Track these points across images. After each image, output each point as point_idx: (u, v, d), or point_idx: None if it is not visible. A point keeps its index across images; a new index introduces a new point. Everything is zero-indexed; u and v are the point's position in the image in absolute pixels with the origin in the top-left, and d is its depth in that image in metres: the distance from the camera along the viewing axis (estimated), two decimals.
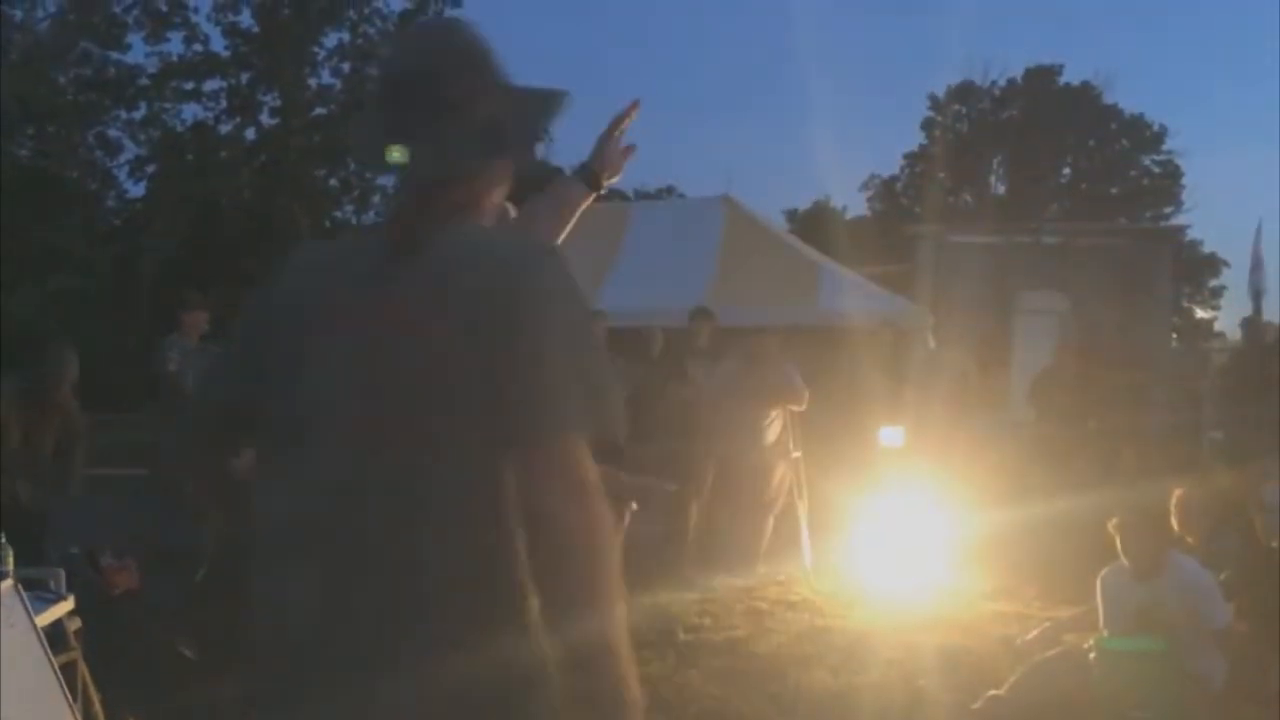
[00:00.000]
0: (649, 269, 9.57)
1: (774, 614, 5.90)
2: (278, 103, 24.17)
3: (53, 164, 22.56)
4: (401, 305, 1.34)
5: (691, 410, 6.77)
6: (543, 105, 1.51)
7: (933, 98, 33.46)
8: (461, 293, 1.33)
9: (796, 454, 6.92)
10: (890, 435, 7.32)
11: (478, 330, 1.31)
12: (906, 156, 34.15)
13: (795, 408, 6.86)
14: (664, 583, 5.99)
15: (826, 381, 7.25)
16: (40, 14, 22.01)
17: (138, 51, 23.97)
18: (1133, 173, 33.62)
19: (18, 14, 21.81)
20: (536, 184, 1.81)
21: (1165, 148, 32.99)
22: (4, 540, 3.03)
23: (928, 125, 33.60)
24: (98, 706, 3.49)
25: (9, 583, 2.80)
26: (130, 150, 24.57)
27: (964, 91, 33.42)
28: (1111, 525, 4.25)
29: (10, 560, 2.98)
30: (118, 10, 23.39)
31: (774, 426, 6.90)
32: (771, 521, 6.90)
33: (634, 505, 5.57)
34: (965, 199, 32.06)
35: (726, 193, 11.10)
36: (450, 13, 24.60)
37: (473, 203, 1.45)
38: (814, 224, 23.75)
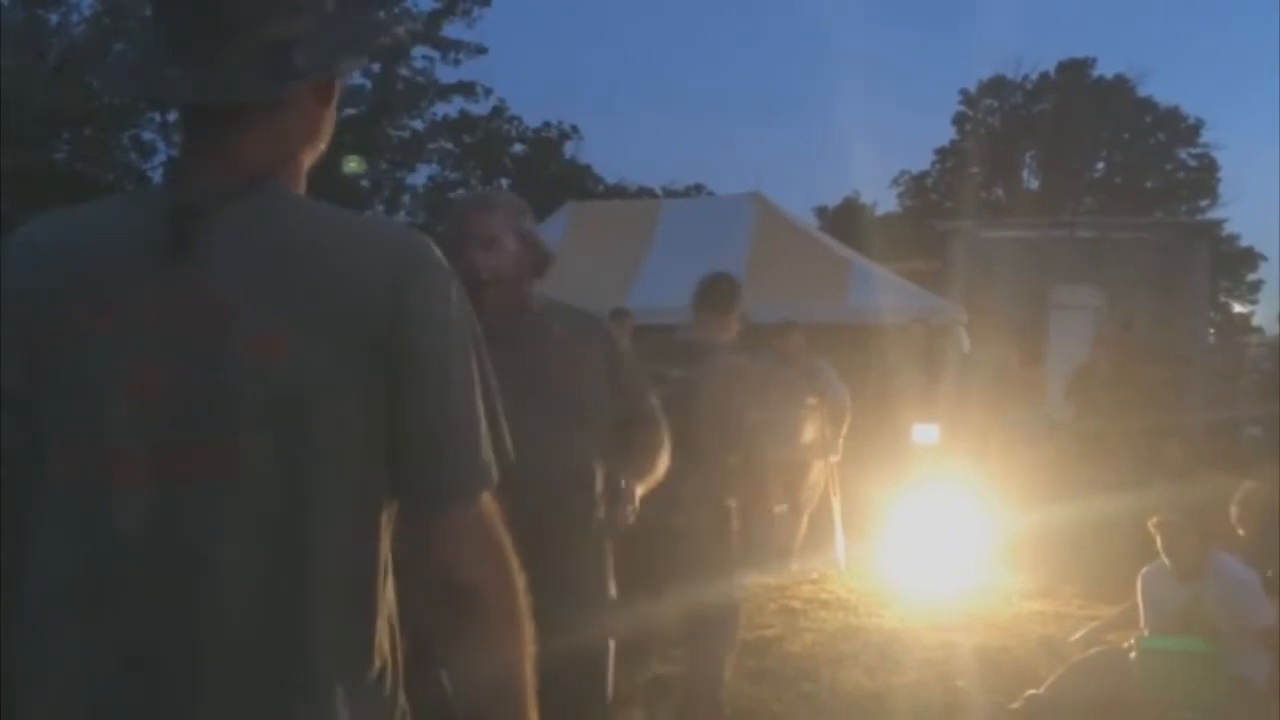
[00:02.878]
0: (678, 267, 9.52)
1: (807, 613, 5.86)
2: None
3: (89, 167, 22.85)
4: (217, 304, 1.05)
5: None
6: (361, 29, 1.19)
7: (964, 92, 33.25)
8: (323, 290, 1.06)
9: (835, 458, 6.87)
10: (924, 433, 7.27)
11: (351, 344, 1.06)
12: (938, 152, 33.90)
13: (838, 414, 6.80)
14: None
15: (858, 379, 7.21)
16: (75, 18, 22.29)
17: None
18: (1168, 166, 33.20)
19: (53, 19, 22.13)
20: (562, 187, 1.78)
21: (1202, 140, 32.57)
22: None
23: (959, 120, 33.37)
24: None
25: None
26: (163, 152, 24.85)
27: (996, 86, 33.13)
28: (1151, 524, 4.19)
29: None
30: (150, 14, 23.63)
31: (809, 425, 6.85)
32: (806, 520, 6.86)
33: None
34: (998, 194, 31.77)
35: (756, 190, 11.06)
36: (480, 12, 24.74)
37: (278, 160, 1.14)
38: (845, 221, 23.68)
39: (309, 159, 1.20)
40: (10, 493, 1.09)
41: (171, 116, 25.32)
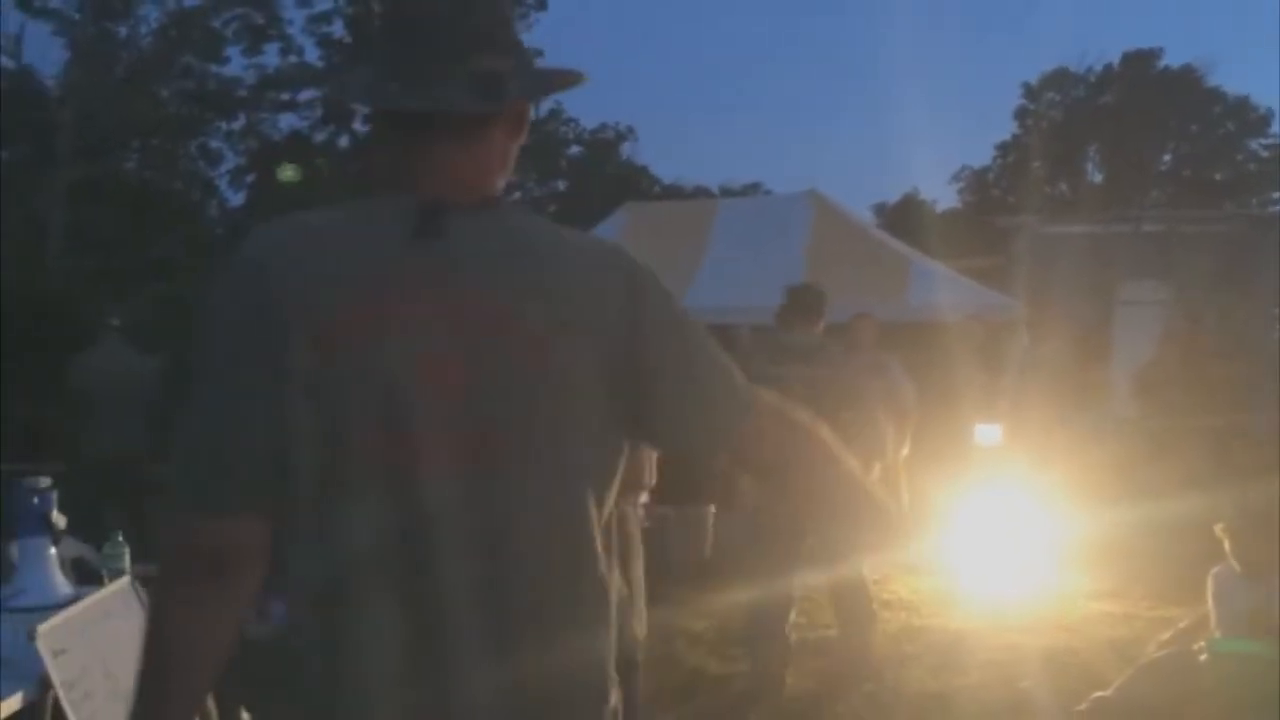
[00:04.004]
0: (736, 266, 9.54)
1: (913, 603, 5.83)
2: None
3: (157, 175, 23.41)
4: (493, 303, 1.21)
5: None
6: (552, 76, 1.40)
7: (1026, 86, 32.71)
8: (575, 294, 1.24)
9: (904, 452, 6.82)
10: (987, 433, 7.18)
11: (602, 342, 1.25)
12: (999, 146, 33.40)
13: (904, 412, 6.74)
14: (755, 582, 5.96)
15: (919, 378, 7.13)
16: (144, 30, 22.84)
17: (236, 64, 24.75)
18: (1239, 157, 32.33)
19: (122, 31, 22.70)
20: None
21: (1272, 131, 31.65)
22: (121, 539, 3.16)
23: (1021, 114, 32.84)
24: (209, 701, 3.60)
25: (126, 580, 2.93)
26: (230, 160, 25.42)
27: (1059, 78, 32.54)
28: (1219, 529, 4.11)
29: (127, 559, 3.12)
30: (217, 24, 24.18)
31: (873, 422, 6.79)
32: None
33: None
34: (1061, 188, 31.22)
35: (813, 188, 11.00)
36: (536, 16, 24.91)
37: (483, 180, 1.29)
38: (903, 217, 23.41)
39: (500, 185, 1.34)
40: (309, 476, 1.18)
41: (237, 124, 25.93)
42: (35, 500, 2.80)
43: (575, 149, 28.37)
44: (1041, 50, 43.40)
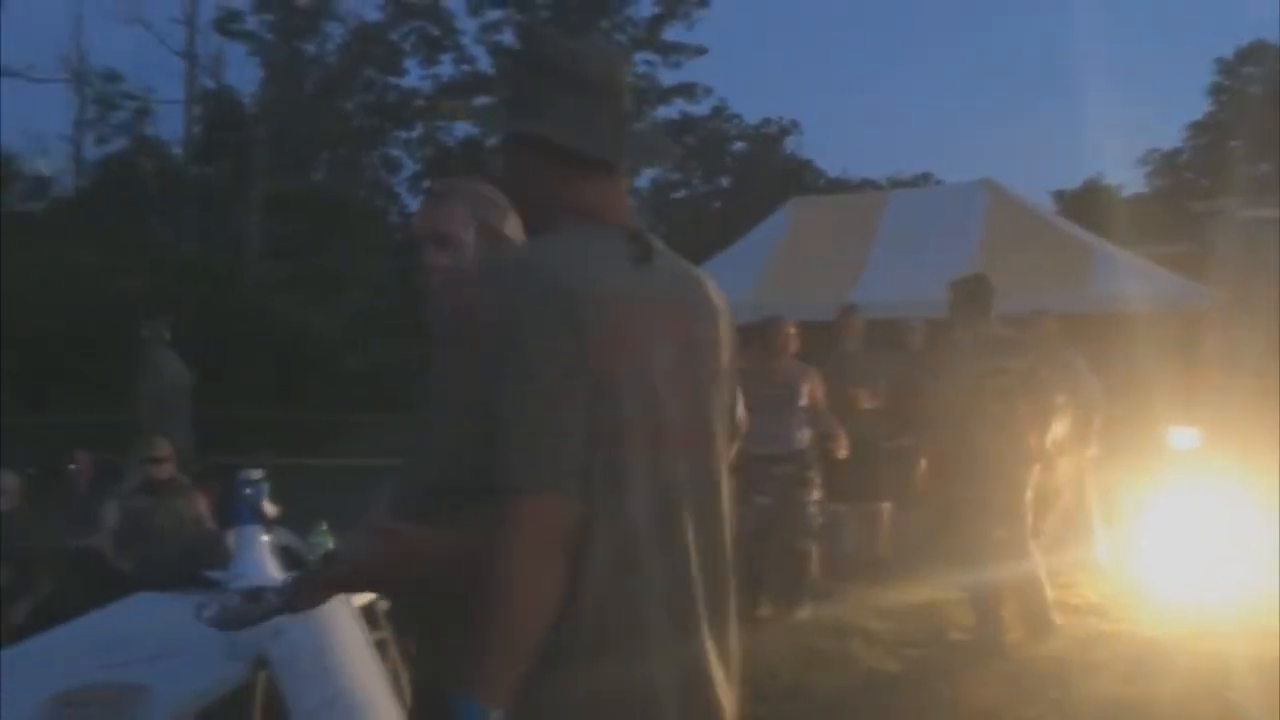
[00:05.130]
0: (907, 259, 9.32)
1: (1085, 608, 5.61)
2: None
3: (344, 185, 24.67)
4: (694, 317, 1.56)
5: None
6: (660, 142, 1.80)
7: (1220, 61, 30.72)
8: (717, 313, 1.61)
9: (1092, 450, 6.54)
10: (1182, 436, 6.78)
11: (728, 339, 1.64)
12: (1191, 127, 31.51)
13: (1090, 410, 6.48)
14: (933, 581, 5.83)
15: (1105, 373, 6.80)
16: (330, 47, 24.12)
17: (413, 75, 25.83)
18: None
19: (310, 49, 24.04)
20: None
21: None
22: (326, 528, 3.37)
23: (1215, 91, 30.87)
24: (406, 683, 3.79)
25: None
26: (409, 168, 26.54)
27: (1257, 51, 30.42)
28: None
29: (331, 546, 3.32)
30: (396, 38, 25.28)
31: (1060, 420, 6.53)
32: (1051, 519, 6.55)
33: None
34: (1262, 169, 29.13)
35: (987, 176, 10.65)
36: (699, 13, 24.98)
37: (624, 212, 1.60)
38: (1086, 204, 22.37)
39: None
40: (599, 464, 1.41)
41: (414, 133, 27.02)
42: (249, 491, 3.01)
43: (739, 145, 28.29)
44: (1236, 23, 40.53)
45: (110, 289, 16.41)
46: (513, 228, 1.88)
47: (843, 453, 5.75)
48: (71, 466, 6.59)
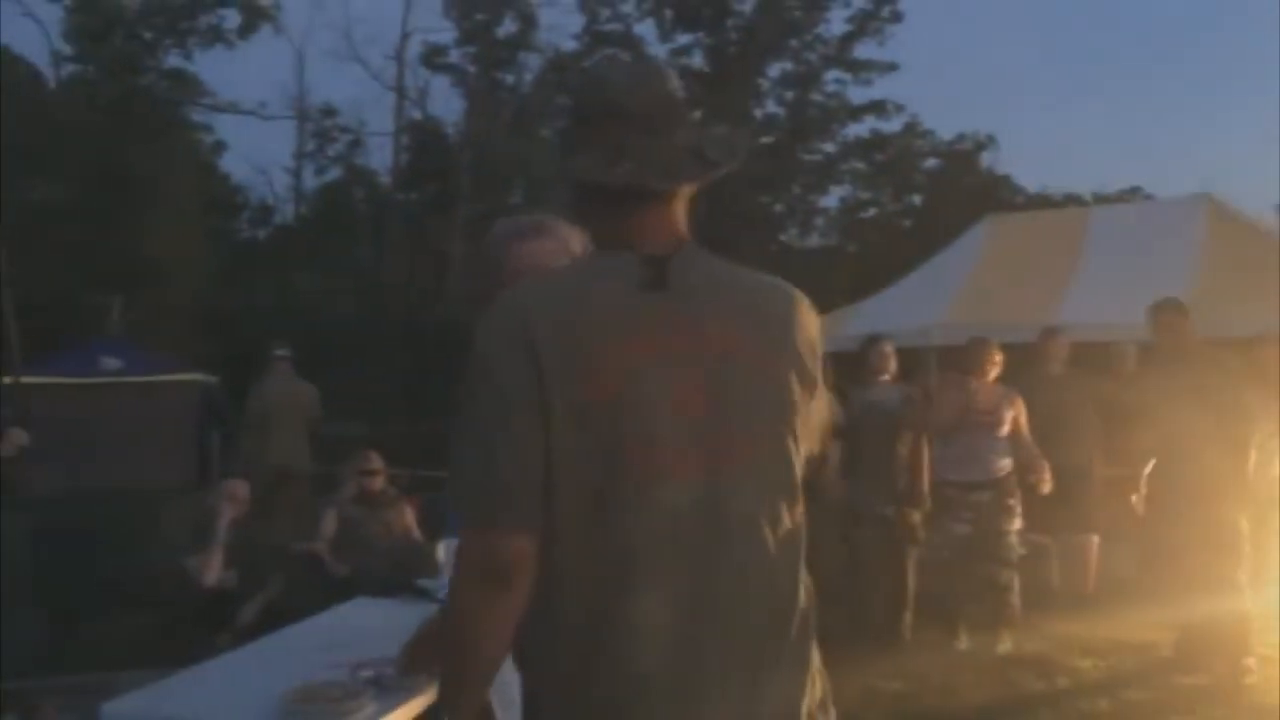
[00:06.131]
0: (1114, 279, 8.85)
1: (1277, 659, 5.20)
2: None
3: (539, 208, 25.50)
4: (719, 332, 1.46)
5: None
6: (732, 137, 1.60)
7: None
8: (772, 323, 1.52)
9: None
10: None
11: (794, 362, 1.52)
12: None
13: None
14: (1141, 619, 5.51)
15: None
16: (528, 78, 25.04)
17: None
18: None
19: (509, 79, 25.02)
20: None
21: None
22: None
23: None
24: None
25: None
26: None
27: None
28: None
29: None
30: (588, 64, 25.98)
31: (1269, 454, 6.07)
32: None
33: None
34: None
35: (1206, 191, 10.01)
36: (891, 30, 24.56)
37: (681, 225, 1.55)
38: None
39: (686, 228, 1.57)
40: (580, 491, 1.39)
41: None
42: None
43: (931, 161, 27.59)
44: None
45: (325, 309, 17.51)
46: None
47: (1046, 487, 5.50)
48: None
